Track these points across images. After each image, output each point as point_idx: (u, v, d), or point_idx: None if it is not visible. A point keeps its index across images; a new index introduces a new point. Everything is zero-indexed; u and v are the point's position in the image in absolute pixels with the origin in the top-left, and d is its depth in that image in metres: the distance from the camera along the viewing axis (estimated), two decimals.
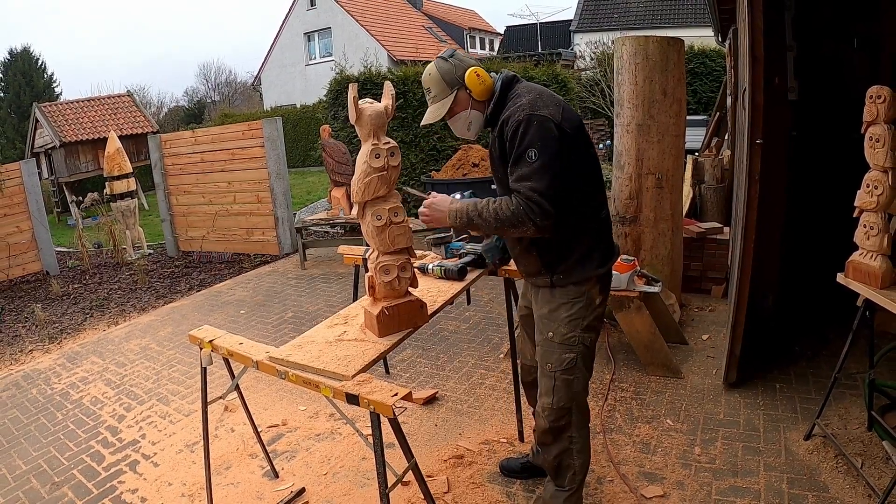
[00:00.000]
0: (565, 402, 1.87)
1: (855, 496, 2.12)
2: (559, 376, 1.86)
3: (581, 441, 1.93)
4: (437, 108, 1.85)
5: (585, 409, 1.95)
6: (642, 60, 3.54)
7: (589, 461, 1.98)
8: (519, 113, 1.70)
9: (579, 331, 1.84)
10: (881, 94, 2.02)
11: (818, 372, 3.01)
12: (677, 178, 3.78)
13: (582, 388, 1.90)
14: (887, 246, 2.09)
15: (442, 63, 1.84)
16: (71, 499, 2.58)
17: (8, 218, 6.74)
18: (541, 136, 1.66)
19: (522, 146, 1.67)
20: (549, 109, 1.71)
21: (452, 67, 1.82)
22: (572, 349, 1.84)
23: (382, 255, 1.81)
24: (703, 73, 11.24)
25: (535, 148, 1.65)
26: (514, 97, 1.78)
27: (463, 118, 1.86)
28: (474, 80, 1.80)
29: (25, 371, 4.16)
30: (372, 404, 1.52)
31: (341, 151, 6.30)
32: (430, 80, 1.85)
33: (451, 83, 1.83)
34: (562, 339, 1.85)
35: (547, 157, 1.65)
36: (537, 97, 1.74)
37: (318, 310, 4.78)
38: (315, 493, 2.45)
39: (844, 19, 3.32)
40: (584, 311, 1.84)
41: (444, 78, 1.83)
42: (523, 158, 1.67)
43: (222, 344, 1.96)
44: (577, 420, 1.91)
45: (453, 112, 1.86)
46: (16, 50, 22.01)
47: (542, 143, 1.66)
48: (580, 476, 1.94)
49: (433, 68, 1.85)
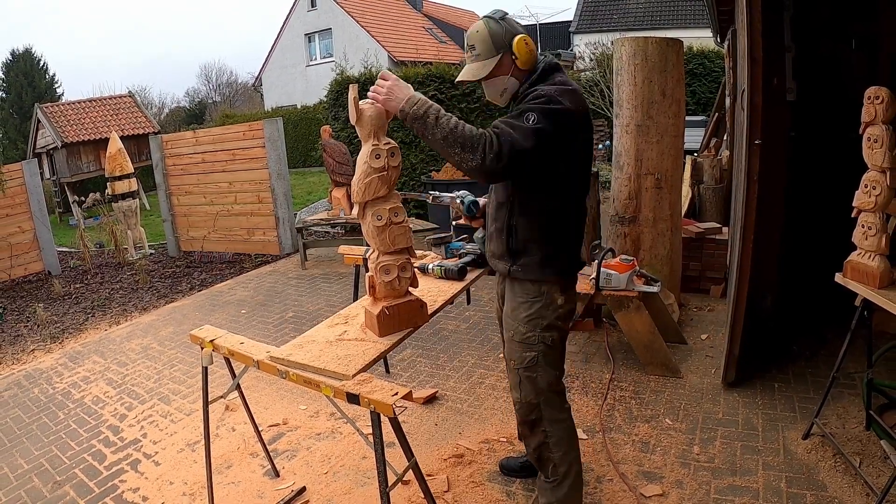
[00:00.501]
0: (532, 397, 1.90)
1: (853, 495, 2.12)
2: (522, 373, 1.89)
3: (557, 434, 1.92)
4: (479, 67, 1.79)
5: (557, 404, 1.93)
6: (641, 61, 3.54)
7: (573, 454, 1.95)
8: (545, 91, 1.70)
9: (539, 330, 1.84)
10: (879, 94, 2.02)
11: (816, 371, 3.01)
12: (676, 178, 3.78)
13: (547, 385, 1.89)
14: (885, 246, 2.09)
15: (493, 23, 1.78)
16: (73, 497, 2.58)
17: (10, 218, 6.74)
18: (550, 115, 1.65)
19: (529, 109, 1.66)
20: (572, 104, 1.71)
21: (502, 30, 1.77)
22: (532, 348, 1.85)
23: (383, 255, 1.81)
24: (702, 74, 11.23)
25: (537, 115, 1.64)
26: (550, 80, 1.77)
27: (500, 83, 1.81)
28: (523, 47, 1.75)
29: (27, 370, 4.16)
30: (372, 403, 1.52)
31: (342, 152, 6.29)
32: (477, 37, 1.79)
33: (498, 45, 1.77)
34: (521, 338, 1.86)
35: (542, 128, 1.63)
36: (567, 90, 1.73)
37: (319, 309, 4.78)
38: (316, 491, 2.45)
39: (842, 20, 3.32)
40: (543, 310, 1.84)
41: (492, 38, 1.77)
42: (522, 116, 1.66)
43: (223, 343, 1.96)
44: (549, 414, 1.91)
45: (493, 74, 1.80)
46: (18, 51, 22.00)
47: (547, 119, 1.64)
48: (562, 468, 1.92)
49: (482, 26, 1.79)
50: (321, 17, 21.59)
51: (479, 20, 1.83)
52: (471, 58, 1.82)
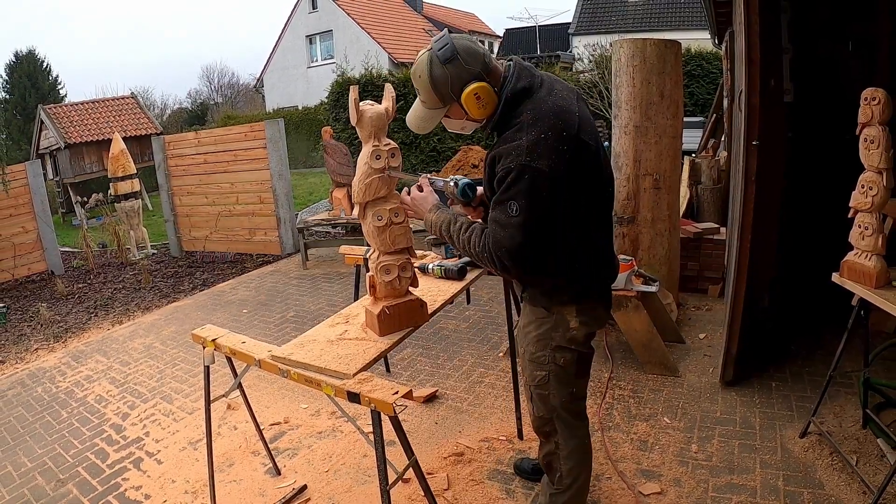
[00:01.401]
0: (544, 413, 1.81)
1: (850, 493, 2.12)
2: (534, 391, 1.80)
3: (568, 449, 1.83)
4: (425, 120, 1.64)
5: (571, 422, 1.82)
6: (640, 63, 3.54)
7: (582, 468, 1.86)
8: (513, 159, 1.46)
9: (549, 350, 1.72)
10: (876, 96, 2.02)
11: (814, 370, 3.01)
12: (674, 178, 3.78)
13: (559, 404, 1.77)
14: (882, 246, 2.08)
15: (437, 69, 1.52)
16: (76, 496, 2.58)
17: (13, 218, 6.74)
18: (529, 192, 1.45)
19: (507, 195, 1.47)
20: (547, 159, 1.45)
21: (447, 79, 1.52)
22: (543, 367, 1.74)
23: (383, 255, 1.81)
24: (700, 76, 11.22)
25: (518, 203, 1.46)
26: (517, 125, 1.51)
27: (457, 123, 1.67)
28: (472, 103, 1.53)
29: (31, 370, 4.16)
30: (373, 402, 1.52)
31: (342, 153, 6.29)
32: (420, 83, 1.58)
33: (443, 98, 1.56)
34: (531, 357, 1.77)
35: (528, 214, 1.46)
36: (539, 137, 1.46)
37: (320, 309, 4.78)
38: (317, 490, 2.45)
39: (840, 22, 3.32)
40: (552, 331, 1.71)
41: (435, 90, 1.55)
42: (504, 206, 1.48)
43: (225, 343, 1.96)
44: (563, 430, 1.81)
45: (447, 116, 1.65)
46: (21, 52, 22.02)
47: (528, 200, 1.45)
48: (567, 480, 1.85)
49: (424, 72, 1.54)
50: (322, 19, 21.60)
51: (422, 54, 1.57)
52: (418, 98, 1.63)
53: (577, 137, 1.51)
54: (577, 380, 1.79)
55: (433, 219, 1.71)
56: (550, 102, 1.53)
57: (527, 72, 1.59)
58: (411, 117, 1.68)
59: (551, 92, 1.57)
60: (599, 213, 1.70)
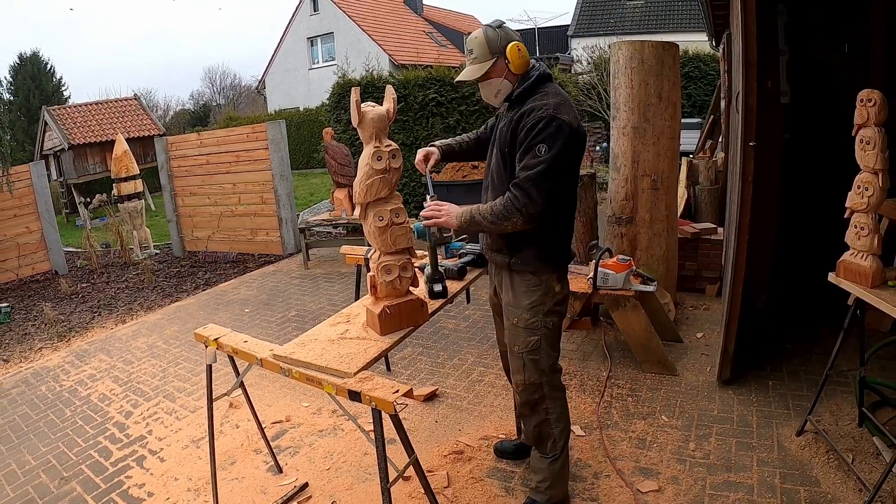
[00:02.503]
0: (535, 378, 2.00)
1: (846, 491, 2.12)
2: (526, 357, 1.99)
3: (557, 411, 2.04)
4: (475, 69, 1.91)
5: (557, 383, 2.06)
6: (638, 65, 3.54)
7: (568, 427, 2.10)
8: (544, 110, 1.78)
9: (541, 315, 1.96)
10: (872, 97, 2.02)
11: (810, 369, 3.01)
12: (672, 179, 3.78)
13: (548, 367, 2.01)
14: (877, 246, 2.08)
15: (490, 30, 1.91)
16: (79, 493, 2.58)
17: (18, 219, 6.74)
18: (556, 136, 1.76)
19: (537, 140, 1.77)
20: (569, 116, 1.81)
21: (497, 36, 1.89)
22: (535, 332, 1.97)
23: (384, 255, 1.81)
24: (698, 77, 11.23)
25: (546, 144, 1.76)
26: (543, 94, 1.85)
27: (494, 84, 1.92)
28: (515, 52, 1.86)
29: (35, 368, 4.16)
30: (374, 401, 1.52)
31: (344, 153, 6.29)
32: (475, 42, 1.91)
33: (493, 50, 1.89)
34: (525, 324, 1.97)
35: (553, 155, 1.76)
36: (562, 103, 1.83)
37: (321, 308, 4.78)
38: (318, 487, 2.45)
39: (835, 24, 3.32)
40: (543, 297, 1.96)
41: (488, 43, 1.89)
42: (533, 150, 1.77)
43: (227, 342, 1.97)
44: (550, 392, 2.03)
45: (488, 76, 1.91)
46: (25, 54, 22.02)
47: (555, 142, 1.76)
48: (560, 442, 2.05)
49: (480, 33, 1.92)
50: (323, 21, 21.58)
51: (476, 30, 1.96)
52: (469, 61, 1.95)
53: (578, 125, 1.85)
54: (559, 342, 2.05)
55: (459, 217, 1.92)
56: (565, 94, 1.90)
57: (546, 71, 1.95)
58: (463, 73, 1.96)
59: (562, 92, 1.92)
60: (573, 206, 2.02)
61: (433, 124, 7.71)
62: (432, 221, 1.95)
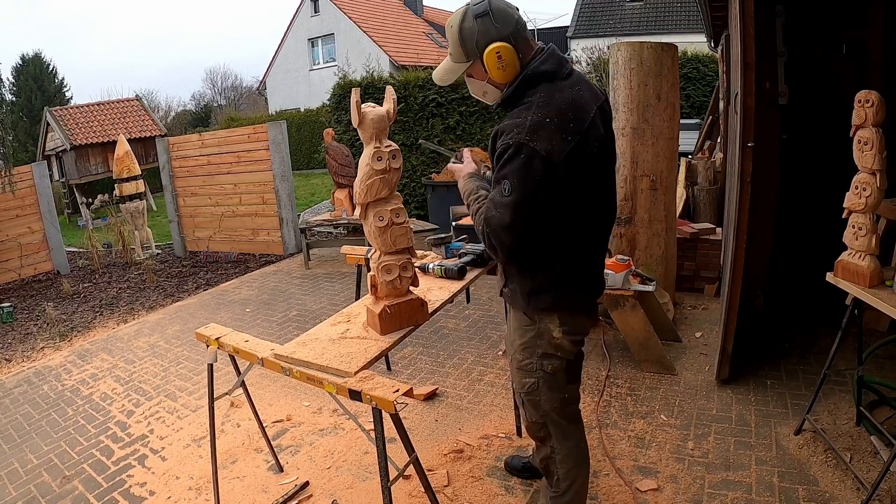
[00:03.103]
0: (536, 418, 1.75)
1: (844, 489, 2.12)
2: (524, 397, 1.73)
3: (563, 452, 1.76)
4: (447, 70, 1.60)
5: (565, 425, 1.75)
6: (637, 66, 3.54)
7: (579, 470, 1.79)
8: (513, 135, 1.42)
9: (535, 358, 1.65)
10: (869, 98, 2.02)
11: (808, 369, 3.01)
12: (671, 179, 3.78)
13: (552, 408, 1.69)
14: (875, 246, 2.08)
15: (467, 22, 1.49)
16: (81, 492, 2.58)
17: (20, 219, 6.74)
18: (522, 172, 1.40)
19: (502, 172, 1.45)
20: (547, 142, 1.40)
21: (474, 33, 1.48)
22: (531, 375, 1.67)
23: (384, 255, 1.81)
24: (696, 78, 11.21)
25: (510, 182, 1.42)
26: (526, 105, 1.47)
27: (478, 85, 1.60)
28: (493, 61, 1.48)
29: (37, 368, 4.16)
30: (374, 400, 1.52)
31: (344, 154, 6.29)
32: (449, 34, 1.54)
33: (468, 52, 1.52)
34: (518, 364, 1.70)
35: (520, 195, 1.41)
36: (544, 120, 1.42)
37: (322, 308, 4.78)
38: (319, 486, 2.45)
39: (833, 26, 3.32)
40: (535, 340, 1.63)
41: (462, 41, 1.51)
42: (500, 185, 1.45)
43: (228, 341, 1.96)
44: (557, 434, 1.75)
45: (468, 74, 1.59)
46: (27, 55, 22.01)
47: (521, 180, 1.41)
48: (564, 483, 1.78)
49: (456, 23, 1.52)
50: (324, 23, 21.59)
51: (460, 7, 1.53)
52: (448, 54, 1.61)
53: (584, 133, 1.45)
54: (568, 385, 1.71)
55: (462, 185, 1.72)
56: (567, 93, 1.47)
57: (556, 58, 1.52)
58: (437, 70, 1.63)
59: (574, 86, 1.50)
60: (593, 224, 1.61)
61: (433, 125, 7.71)
62: (454, 166, 1.78)
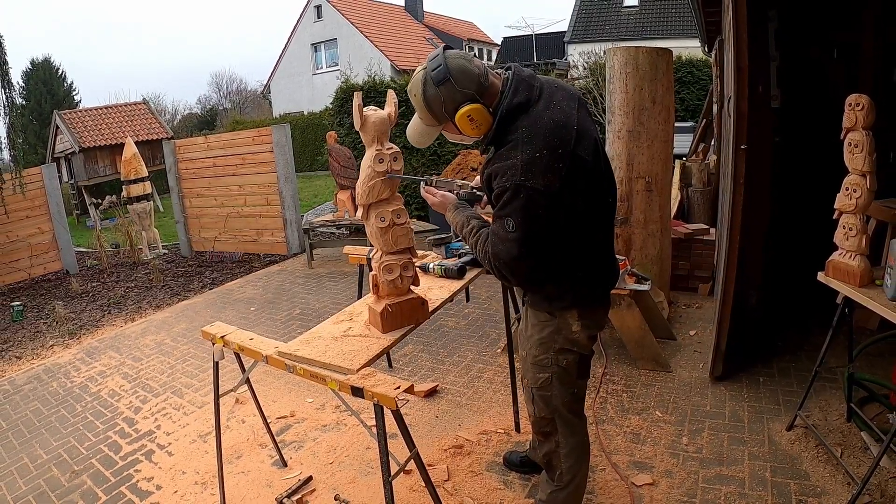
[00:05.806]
0: (545, 413, 1.77)
1: (835, 484, 2.12)
2: (536, 392, 1.75)
3: (568, 447, 1.79)
4: (423, 135, 1.64)
5: (572, 420, 1.78)
6: (633, 70, 3.54)
7: (581, 464, 1.83)
8: (508, 177, 1.43)
9: (552, 353, 1.68)
10: (860, 101, 2.02)
11: (800, 366, 3.01)
12: (666, 181, 3.78)
13: (562, 403, 1.73)
14: (865, 246, 2.08)
15: (430, 90, 1.49)
16: (90, 487, 2.58)
17: (30, 219, 6.75)
18: (524, 211, 1.43)
19: (504, 211, 1.47)
20: (542, 177, 1.42)
21: (441, 100, 1.50)
22: (546, 370, 1.70)
23: (386, 255, 1.81)
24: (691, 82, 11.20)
25: (514, 220, 1.45)
26: (512, 143, 1.46)
27: (456, 136, 1.64)
28: (466, 124, 1.50)
29: (46, 365, 4.16)
30: (376, 397, 1.52)
31: (346, 156, 6.29)
32: (415, 102, 1.55)
33: (438, 117, 1.55)
34: (534, 360, 1.72)
35: (524, 231, 1.45)
36: (535, 156, 1.42)
37: (325, 307, 4.78)
38: (322, 480, 2.45)
39: (824, 30, 3.32)
40: (554, 335, 1.67)
41: (430, 109, 1.54)
42: (503, 222, 1.48)
43: (233, 339, 1.97)
44: (563, 429, 1.77)
45: (444, 130, 1.64)
46: (37, 60, 22.00)
47: (524, 218, 1.44)
48: (567, 476, 1.81)
49: (419, 91, 1.52)
50: (327, 28, 21.61)
51: (418, 72, 1.53)
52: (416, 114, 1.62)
53: (573, 154, 1.46)
54: (578, 380, 1.75)
55: (451, 219, 1.75)
56: (546, 118, 1.47)
57: (524, 84, 1.52)
58: (411, 132, 1.67)
59: (549, 105, 1.50)
60: (599, 220, 1.65)
61: None
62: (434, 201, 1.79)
